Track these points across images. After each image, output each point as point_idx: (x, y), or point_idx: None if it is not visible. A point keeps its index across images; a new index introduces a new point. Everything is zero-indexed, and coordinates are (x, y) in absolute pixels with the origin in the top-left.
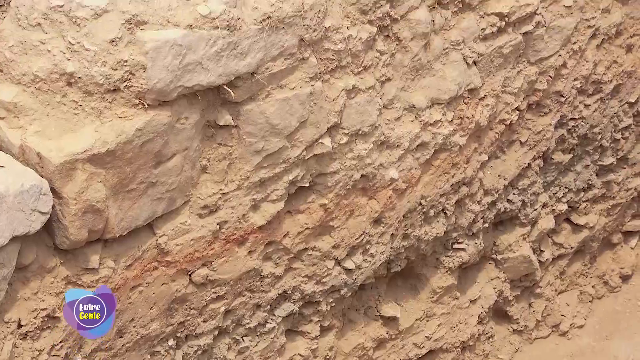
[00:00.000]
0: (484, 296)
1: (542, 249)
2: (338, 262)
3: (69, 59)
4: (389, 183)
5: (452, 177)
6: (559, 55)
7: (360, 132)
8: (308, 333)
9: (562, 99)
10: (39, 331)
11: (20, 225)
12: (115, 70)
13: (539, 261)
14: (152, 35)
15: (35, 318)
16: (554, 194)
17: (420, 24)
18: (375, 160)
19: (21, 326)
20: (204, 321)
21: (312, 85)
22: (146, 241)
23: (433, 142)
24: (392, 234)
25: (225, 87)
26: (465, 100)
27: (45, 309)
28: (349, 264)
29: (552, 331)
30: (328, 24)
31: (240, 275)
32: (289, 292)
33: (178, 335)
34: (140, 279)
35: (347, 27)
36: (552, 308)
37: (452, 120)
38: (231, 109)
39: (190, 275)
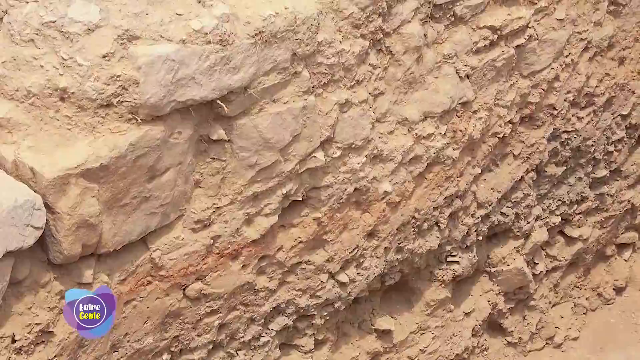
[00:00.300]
0: (478, 309)
1: (535, 261)
2: (332, 276)
3: (61, 74)
4: (383, 196)
5: (446, 190)
6: (552, 68)
7: (353, 146)
8: (302, 347)
9: (555, 112)
10: (33, 346)
11: (14, 240)
12: (108, 85)
13: (533, 274)
14: (145, 50)
15: (29, 333)
16: (547, 206)
17: (412, 38)
18: (368, 174)
19: (15, 341)
20: (198, 335)
21: (305, 100)
22: (140, 256)
23: (426, 156)
24: (385, 247)
25: (218, 101)
26: (458, 114)
27: (39, 323)
28: (343, 278)
29: (547, 343)
30: (321, 38)
31: (234, 289)
32: (283, 305)
33: (172, 349)
34: (134, 294)
35: (340, 41)
36: (546, 320)
37: (445, 133)
38: (224, 123)
39: (184, 289)
